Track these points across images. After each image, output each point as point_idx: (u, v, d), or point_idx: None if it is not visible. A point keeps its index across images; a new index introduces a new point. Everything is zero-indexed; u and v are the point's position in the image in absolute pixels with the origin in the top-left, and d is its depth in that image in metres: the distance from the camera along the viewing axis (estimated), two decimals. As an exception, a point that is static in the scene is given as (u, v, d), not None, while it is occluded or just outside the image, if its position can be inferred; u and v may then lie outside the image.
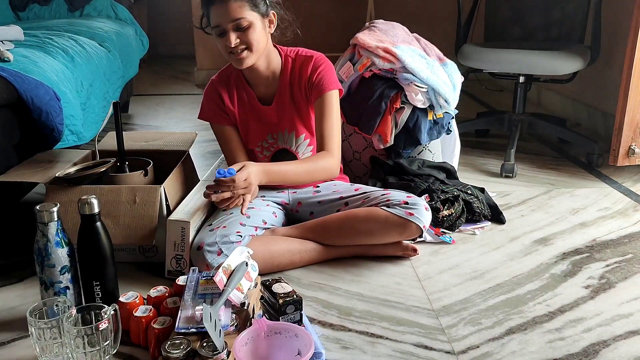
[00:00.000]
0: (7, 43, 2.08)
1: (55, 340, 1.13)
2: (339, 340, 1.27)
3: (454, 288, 1.48)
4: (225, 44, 1.51)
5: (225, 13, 1.48)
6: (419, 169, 1.94)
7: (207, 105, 1.70)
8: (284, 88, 1.66)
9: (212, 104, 1.68)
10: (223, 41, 1.52)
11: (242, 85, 1.65)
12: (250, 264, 1.33)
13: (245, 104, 1.67)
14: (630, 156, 2.17)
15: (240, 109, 1.67)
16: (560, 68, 2.32)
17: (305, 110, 1.69)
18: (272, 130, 1.69)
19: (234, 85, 1.67)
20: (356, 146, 2.05)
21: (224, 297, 1.20)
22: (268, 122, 1.68)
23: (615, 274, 1.54)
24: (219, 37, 1.52)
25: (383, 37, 2.00)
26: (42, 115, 1.73)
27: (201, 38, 4.13)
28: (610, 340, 1.26)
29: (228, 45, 1.51)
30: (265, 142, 1.70)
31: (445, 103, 1.93)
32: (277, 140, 1.70)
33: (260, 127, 1.68)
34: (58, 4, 3.21)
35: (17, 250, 1.65)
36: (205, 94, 1.71)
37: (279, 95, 1.66)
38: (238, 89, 1.66)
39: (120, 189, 1.55)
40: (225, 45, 1.52)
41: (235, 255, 1.33)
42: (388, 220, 1.55)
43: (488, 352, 1.23)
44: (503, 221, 1.86)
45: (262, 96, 1.67)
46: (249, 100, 1.66)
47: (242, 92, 1.66)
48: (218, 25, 1.50)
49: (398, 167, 1.94)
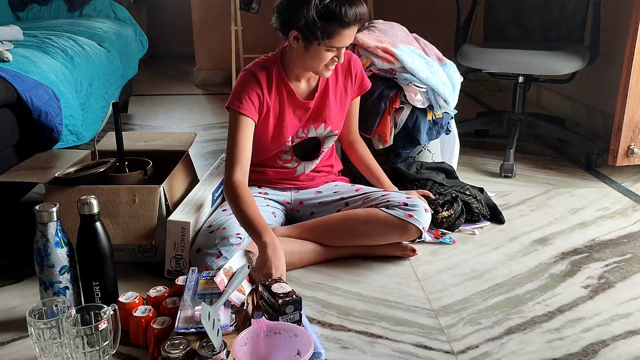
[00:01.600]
0: (6, 43, 2.08)
1: (54, 341, 1.13)
2: (339, 340, 1.27)
3: (454, 288, 1.48)
4: (331, 58, 1.52)
5: (351, 36, 1.50)
6: (417, 172, 1.94)
7: (242, 94, 1.58)
8: (328, 84, 1.67)
9: (249, 92, 1.58)
10: (329, 55, 1.51)
11: (282, 80, 1.62)
12: (252, 267, 1.33)
13: (284, 99, 1.63)
14: (629, 156, 2.17)
15: (275, 104, 1.63)
16: (560, 68, 2.32)
17: (345, 106, 1.73)
18: (307, 124, 1.68)
19: (275, 78, 1.62)
20: (355, 146, 2.05)
21: (224, 298, 1.20)
22: (306, 117, 1.67)
23: (615, 273, 1.54)
24: (327, 51, 1.51)
25: (382, 37, 2.00)
26: (41, 116, 1.73)
27: (200, 38, 4.14)
28: (609, 340, 1.27)
29: (335, 60, 1.53)
30: (296, 137, 1.69)
31: (444, 103, 1.93)
32: (309, 133, 1.70)
33: (296, 122, 1.66)
34: (57, 4, 3.20)
35: (16, 250, 1.65)
36: (243, 81, 1.60)
37: (322, 91, 1.66)
38: (277, 82, 1.62)
39: (119, 189, 1.55)
40: (331, 59, 1.53)
41: (237, 258, 1.34)
42: (387, 221, 1.56)
43: (487, 352, 1.23)
44: (502, 221, 1.86)
45: (301, 92, 1.66)
46: (288, 95, 1.63)
47: (282, 86, 1.63)
48: (342, 46, 1.51)
49: (395, 172, 1.94)
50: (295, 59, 1.57)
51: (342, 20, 1.44)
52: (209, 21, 4.09)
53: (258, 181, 1.74)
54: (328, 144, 1.74)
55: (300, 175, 1.75)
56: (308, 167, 1.75)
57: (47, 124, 1.76)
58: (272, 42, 1.67)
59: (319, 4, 1.43)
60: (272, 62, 1.63)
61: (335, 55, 1.52)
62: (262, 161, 1.72)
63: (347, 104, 1.74)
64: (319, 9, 1.43)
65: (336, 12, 1.43)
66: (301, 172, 1.74)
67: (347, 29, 1.47)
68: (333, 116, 1.69)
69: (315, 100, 1.65)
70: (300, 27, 1.46)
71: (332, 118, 1.69)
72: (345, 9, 1.43)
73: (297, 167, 1.73)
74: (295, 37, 1.50)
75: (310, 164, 1.75)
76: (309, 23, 1.44)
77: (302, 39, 1.49)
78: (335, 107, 1.69)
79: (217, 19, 4.05)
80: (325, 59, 1.52)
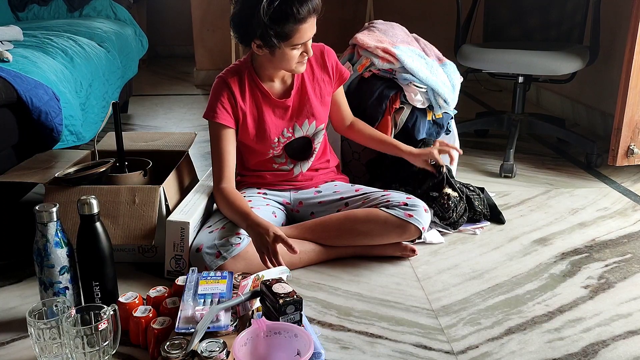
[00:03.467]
0: (6, 43, 2.08)
1: (54, 341, 1.13)
2: (339, 340, 1.27)
3: (453, 288, 1.48)
4: (301, 53, 1.52)
5: (312, 28, 1.49)
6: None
7: (216, 103, 1.61)
8: (304, 80, 1.66)
9: (222, 101, 1.60)
10: (296, 53, 1.51)
11: (255, 83, 1.62)
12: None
13: (260, 101, 1.63)
14: (629, 156, 2.17)
15: (252, 107, 1.63)
16: (559, 68, 2.32)
17: (327, 99, 1.72)
18: (290, 123, 1.68)
19: (247, 83, 1.63)
20: (355, 146, 2.05)
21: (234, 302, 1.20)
22: (287, 115, 1.66)
23: (615, 274, 1.55)
24: (292, 50, 1.50)
25: (382, 37, 2.00)
26: (41, 116, 1.73)
27: (200, 38, 4.14)
28: (609, 340, 1.27)
29: (304, 55, 1.53)
30: (282, 137, 1.68)
31: (444, 103, 1.93)
32: (295, 132, 1.69)
33: (278, 122, 1.66)
34: (57, 5, 3.21)
35: (16, 250, 1.65)
36: (215, 91, 1.63)
37: (299, 87, 1.66)
38: (251, 86, 1.63)
39: (119, 189, 1.55)
40: (300, 55, 1.52)
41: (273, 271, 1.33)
42: (387, 221, 1.56)
43: (487, 352, 1.23)
44: (502, 221, 1.86)
45: (277, 91, 1.66)
46: (264, 96, 1.63)
47: (255, 89, 1.63)
48: (306, 40, 1.50)
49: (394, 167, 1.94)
50: (266, 63, 1.58)
51: (297, 19, 1.43)
52: (209, 21, 4.09)
53: (257, 184, 1.74)
54: (318, 139, 1.74)
55: (298, 176, 1.75)
56: (305, 166, 1.75)
57: (47, 124, 1.76)
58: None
59: (267, 9, 1.41)
60: (244, 66, 1.63)
61: (303, 50, 1.52)
62: (259, 166, 1.72)
63: (328, 97, 1.73)
64: (270, 15, 1.41)
65: (288, 13, 1.42)
66: (299, 173, 1.74)
67: (304, 24, 1.45)
68: (316, 111, 1.68)
69: (292, 98, 1.65)
70: (259, 36, 1.46)
71: (316, 113, 1.68)
72: (296, 8, 1.42)
73: (293, 168, 1.73)
74: (258, 46, 1.50)
75: (306, 163, 1.75)
76: (265, 31, 1.44)
77: (264, 46, 1.49)
78: (316, 102, 1.69)
79: (217, 19, 4.06)
80: (294, 57, 1.52)
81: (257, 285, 1.26)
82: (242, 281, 1.28)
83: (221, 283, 1.28)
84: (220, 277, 1.31)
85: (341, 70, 1.73)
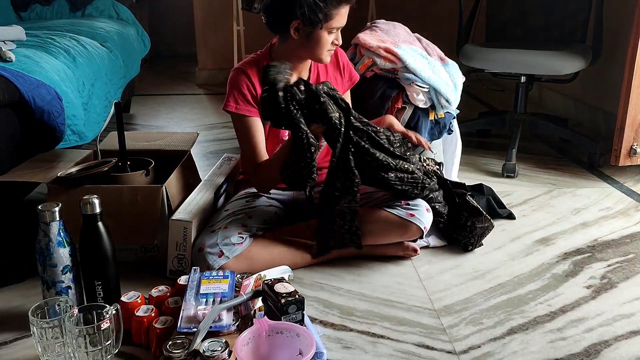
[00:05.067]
0: (9, 43, 2.08)
1: (57, 340, 1.13)
2: (341, 340, 1.27)
3: (455, 288, 1.48)
4: (332, 40, 1.57)
5: (346, 15, 1.55)
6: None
7: (236, 94, 1.60)
8: (319, 76, 1.69)
9: (242, 91, 1.60)
10: (330, 38, 1.56)
11: None
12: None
13: None
14: (632, 156, 2.16)
15: None
16: (562, 68, 2.32)
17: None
18: None
19: None
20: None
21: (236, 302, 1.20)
22: None
23: (617, 274, 1.54)
24: (329, 34, 1.55)
25: (384, 37, 2.00)
26: (43, 115, 1.74)
27: (202, 38, 4.14)
28: (611, 340, 1.26)
29: (334, 42, 1.57)
30: None
31: (446, 103, 1.93)
32: None
33: None
34: (60, 4, 3.21)
35: (18, 249, 1.65)
36: (233, 82, 1.62)
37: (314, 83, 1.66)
38: None
39: (121, 189, 1.55)
40: (331, 42, 1.57)
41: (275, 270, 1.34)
42: (389, 221, 1.56)
43: (489, 352, 1.23)
44: (512, 217, 1.87)
45: None
46: None
47: None
48: (341, 26, 1.56)
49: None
50: (295, 50, 1.59)
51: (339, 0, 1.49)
52: (211, 21, 4.10)
53: None
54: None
55: None
56: None
57: (50, 123, 1.76)
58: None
59: None
60: (262, 58, 1.65)
61: (335, 37, 1.57)
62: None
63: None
64: None
65: None
66: None
67: (344, 7, 1.52)
68: None
69: None
70: (302, 15, 1.49)
71: None
72: None
73: None
74: (296, 28, 1.52)
75: None
76: (311, 7, 1.48)
77: (304, 27, 1.51)
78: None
79: (219, 18, 4.06)
80: (327, 43, 1.56)
81: (259, 284, 1.27)
82: (244, 281, 1.29)
83: (223, 283, 1.29)
84: (222, 277, 1.31)
85: (352, 71, 1.78)
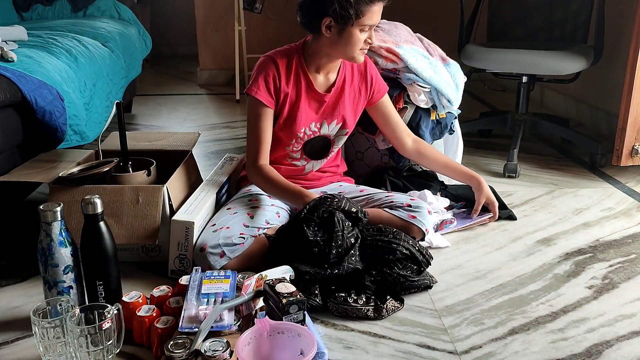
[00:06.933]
0: (10, 43, 2.08)
1: (58, 340, 1.13)
2: (342, 340, 1.27)
3: (457, 288, 1.48)
4: (365, 39, 1.57)
5: (379, 12, 1.55)
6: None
7: (261, 80, 1.61)
8: (345, 81, 1.69)
9: (267, 80, 1.61)
10: (362, 36, 1.55)
11: (302, 69, 1.64)
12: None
13: (302, 88, 1.65)
14: (633, 156, 2.16)
15: (292, 92, 1.65)
16: (564, 68, 2.32)
17: (358, 107, 1.75)
18: (320, 118, 1.70)
19: (294, 67, 1.64)
20: (359, 146, 2.05)
21: (237, 302, 1.20)
22: (321, 110, 1.69)
23: (619, 274, 1.54)
24: (361, 32, 1.54)
25: (386, 37, 2.00)
26: (45, 115, 1.74)
27: (204, 38, 4.14)
28: (613, 340, 1.26)
29: (367, 41, 1.57)
30: (308, 130, 1.70)
31: (448, 103, 1.93)
32: (321, 129, 1.71)
33: (310, 114, 1.68)
34: (61, 5, 3.21)
35: (20, 249, 1.65)
36: (261, 68, 1.63)
37: (339, 87, 1.69)
38: (297, 71, 1.64)
39: (123, 189, 1.55)
40: (364, 40, 1.56)
41: (276, 271, 1.34)
42: (391, 222, 1.56)
43: (491, 352, 1.23)
44: (514, 217, 1.87)
45: (319, 84, 1.68)
46: (307, 85, 1.65)
47: (301, 76, 1.65)
48: (373, 24, 1.55)
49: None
50: (326, 48, 1.59)
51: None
52: (213, 21, 4.10)
53: None
54: (338, 143, 1.77)
55: (308, 174, 1.77)
56: (316, 166, 1.78)
57: (51, 123, 1.76)
58: (276, 42, 1.68)
59: None
60: (294, 51, 1.66)
61: (368, 36, 1.56)
62: (271, 159, 1.73)
63: (360, 106, 1.76)
64: None
65: None
66: (309, 171, 1.78)
67: (376, 4, 1.51)
68: (347, 114, 1.71)
69: (332, 94, 1.68)
70: (333, 12, 1.49)
71: (346, 116, 1.71)
72: None
73: (305, 165, 1.76)
74: (328, 26, 1.53)
75: (319, 163, 1.78)
76: (342, 4, 1.48)
77: (336, 24, 1.52)
78: (350, 105, 1.71)
79: (221, 19, 4.06)
80: (360, 42, 1.56)
81: (260, 285, 1.27)
82: (245, 281, 1.29)
83: (225, 282, 1.29)
84: (223, 277, 1.31)
85: (380, 83, 1.77)
